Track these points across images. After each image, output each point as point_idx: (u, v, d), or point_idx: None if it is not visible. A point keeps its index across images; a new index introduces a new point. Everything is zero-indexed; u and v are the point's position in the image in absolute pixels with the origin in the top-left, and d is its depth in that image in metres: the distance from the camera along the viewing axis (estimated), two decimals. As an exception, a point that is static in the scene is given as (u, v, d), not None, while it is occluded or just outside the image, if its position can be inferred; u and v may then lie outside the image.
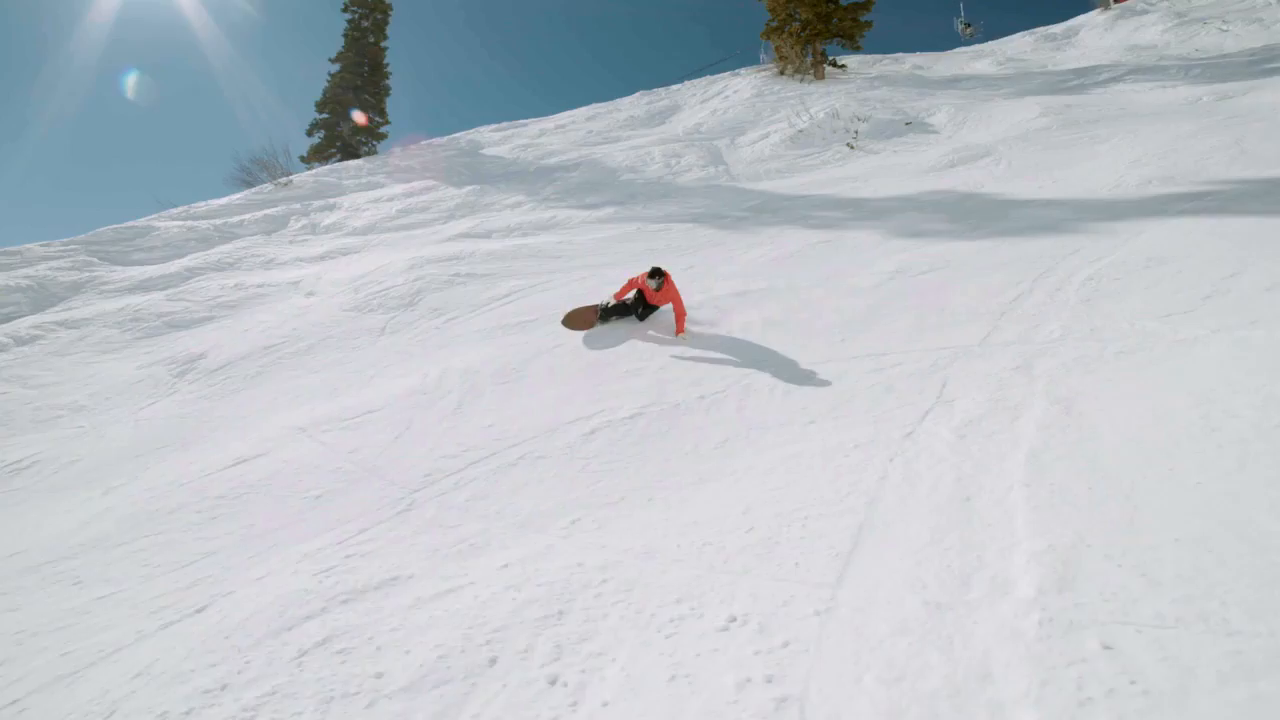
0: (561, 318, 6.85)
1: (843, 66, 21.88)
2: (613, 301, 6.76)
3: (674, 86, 24.57)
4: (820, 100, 17.27)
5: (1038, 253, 7.03)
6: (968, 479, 3.12)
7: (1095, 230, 7.31)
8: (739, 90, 20.85)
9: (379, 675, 2.37)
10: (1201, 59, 15.80)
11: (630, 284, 6.64)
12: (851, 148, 14.05)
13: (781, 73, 22.11)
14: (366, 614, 2.84)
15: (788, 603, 2.38)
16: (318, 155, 25.13)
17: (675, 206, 11.75)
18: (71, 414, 7.88)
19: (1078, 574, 2.20)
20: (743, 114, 18.18)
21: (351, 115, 25.92)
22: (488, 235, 11.48)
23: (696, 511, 3.32)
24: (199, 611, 3.27)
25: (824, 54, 21.94)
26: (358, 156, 24.08)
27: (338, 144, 25.22)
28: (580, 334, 6.68)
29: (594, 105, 23.76)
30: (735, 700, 1.94)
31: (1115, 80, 15.16)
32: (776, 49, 22.22)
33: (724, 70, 24.80)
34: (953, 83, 18.02)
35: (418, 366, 6.63)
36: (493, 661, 2.33)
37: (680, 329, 6.34)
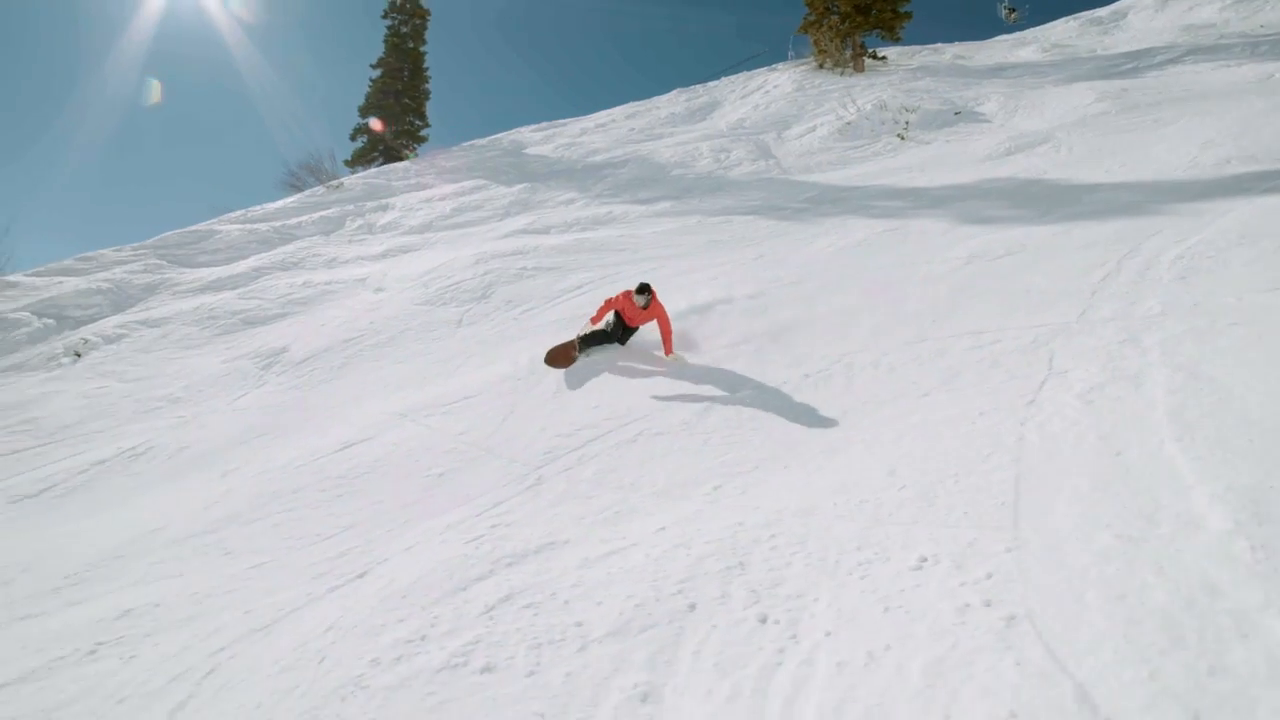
0: (544, 356, 6.27)
1: (883, 59, 21.76)
2: (589, 328, 6.25)
3: (711, 83, 24.62)
4: (865, 93, 17.22)
5: (1116, 234, 6.99)
6: (1111, 437, 3.17)
7: (1176, 211, 7.24)
8: (779, 85, 20.83)
9: (579, 624, 2.50)
10: (1269, 35, 15.43)
11: (607, 305, 6.20)
12: (902, 138, 13.99)
13: (820, 66, 22.05)
14: (537, 574, 2.97)
15: (972, 544, 2.47)
16: (361, 159, 25.66)
17: (731, 200, 11.82)
18: (170, 405, 8.21)
19: (1272, 511, 2.25)
20: (785, 108, 18.18)
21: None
22: (546, 231, 11.67)
23: (838, 475, 3.41)
24: (360, 577, 3.44)
25: (863, 46, 21.86)
26: (400, 159, 24.53)
27: (380, 147, 25.71)
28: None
29: (631, 104, 23.92)
30: (961, 622, 2.03)
31: (1173, 62, 14.89)
32: (815, 42, 22.18)
33: (757, 66, 24.81)
34: (998, 71, 17.83)
35: (505, 354, 6.80)
36: (692, 607, 2.44)
37: (669, 349, 5.94)
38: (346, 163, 25.41)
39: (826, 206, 10.77)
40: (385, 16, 27.77)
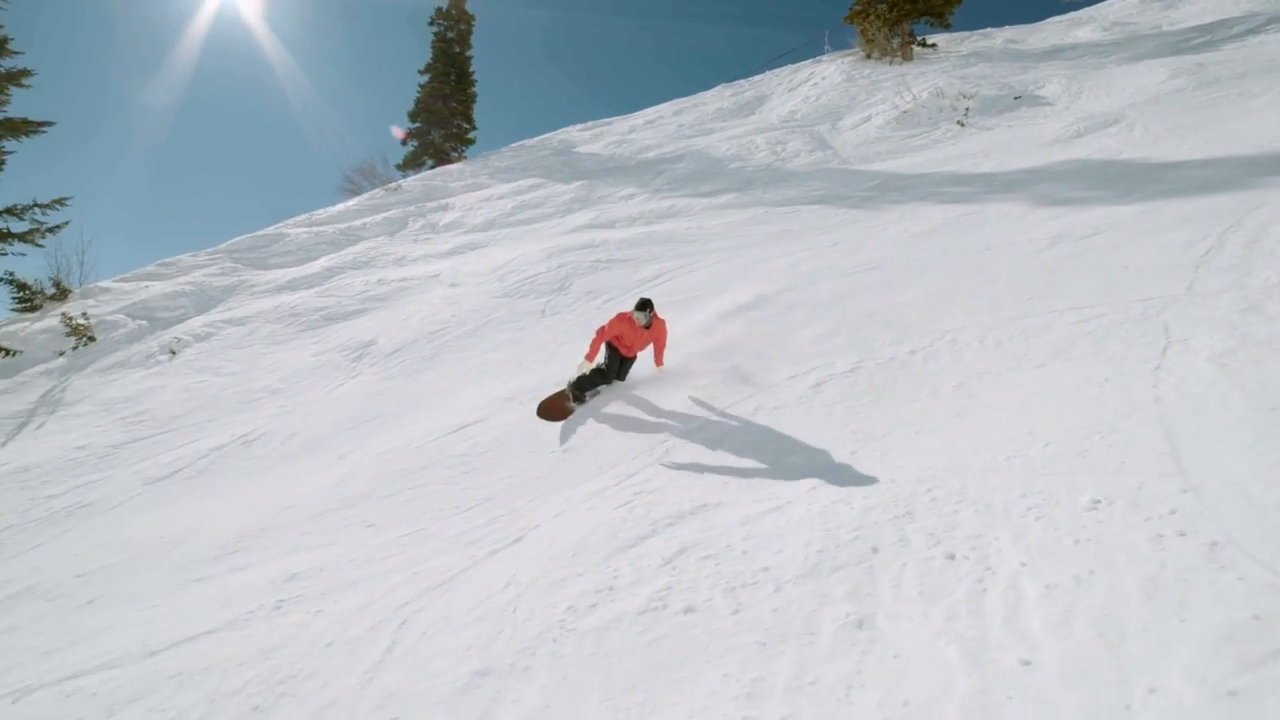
0: (536, 410, 5.60)
1: (932, 46, 21.50)
2: (586, 368, 5.62)
3: (755, 78, 24.62)
4: (919, 80, 17.06)
5: (1213, 210, 6.87)
6: (1259, 395, 3.20)
7: (1276, 185, 7.10)
8: (827, 76, 20.74)
9: (765, 569, 2.65)
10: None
11: (600, 336, 5.54)
12: (962, 125, 13.85)
13: (868, 57, 21.87)
14: (702, 531, 3.14)
15: (1141, 487, 2.55)
16: (411, 163, 26.30)
17: (795, 190, 11.88)
18: (269, 396, 8.64)
19: None
20: (837, 99, 18.11)
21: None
22: (611, 225, 11.89)
23: (974, 437, 3.50)
24: (517, 541, 3.65)
25: (912, 34, 21.61)
26: (450, 162, 25.08)
27: (430, 150, 26.31)
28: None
29: (677, 100, 24.06)
30: (1160, 549, 2.13)
31: (1253, 32, 14.40)
32: (862, 32, 22.00)
33: (798, 60, 24.75)
34: (1055, 53, 17.48)
35: (597, 341, 7.01)
36: (875, 550, 2.58)
37: (659, 360, 5.73)
38: (398, 166, 26.10)
39: (893, 194, 10.75)
40: (432, 23, 28.37)
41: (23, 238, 15.72)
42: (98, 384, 11.20)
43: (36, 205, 16.02)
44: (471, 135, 27.17)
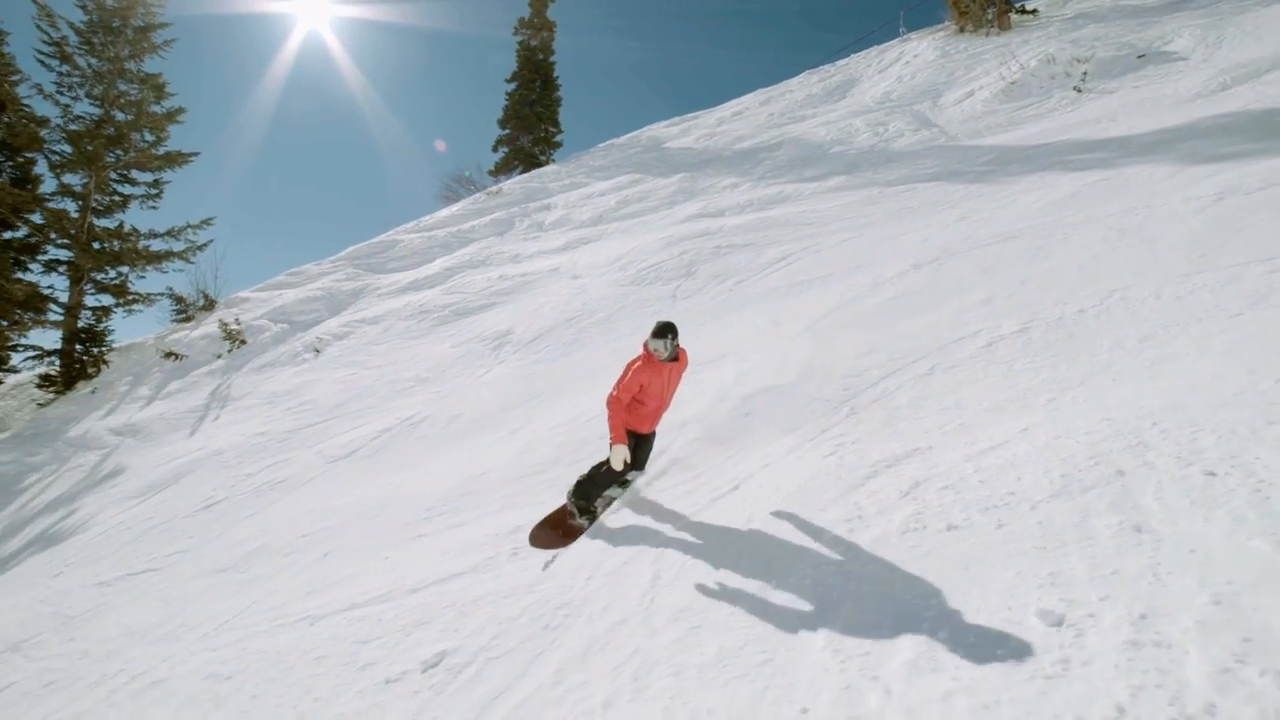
0: (530, 537, 4.20)
1: (1032, 12, 20.62)
2: (601, 468, 4.21)
3: (840, 62, 24.30)
4: (1024, 49, 16.45)
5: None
6: None
7: None
8: (919, 54, 20.26)
9: (1011, 493, 2.83)
10: None
11: (619, 404, 3.99)
12: (1079, 91, 13.31)
13: (960, 30, 21.22)
14: (927, 470, 3.32)
15: None
16: (503, 169, 27.37)
17: (906, 169, 11.77)
18: (420, 384, 9.34)
19: None
20: (933, 76, 17.70)
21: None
22: (721, 214, 12.12)
23: (1183, 380, 3.53)
24: (735, 489, 3.93)
25: (1008, 3, 20.80)
26: (539, 165, 25.94)
27: (520, 155, 27.29)
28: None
29: (761, 90, 24.04)
30: None
31: None
32: (954, 5, 21.36)
33: (879, 42, 24.20)
34: (1179, 5, 16.45)
35: (739, 320, 7.26)
36: (1121, 473, 2.71)
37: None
38: (490, 172, 27.24)
39: (1014, 166, 10.51)
40: (516, 32, 29.39)
41: (180, 256, 17.40)
42: (256, 381, 12.33)
43: (189, 226, 17.70)
44: (559, 139, 28.03)
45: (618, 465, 3.90)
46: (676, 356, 4.16)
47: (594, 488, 4.24)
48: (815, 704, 1.91)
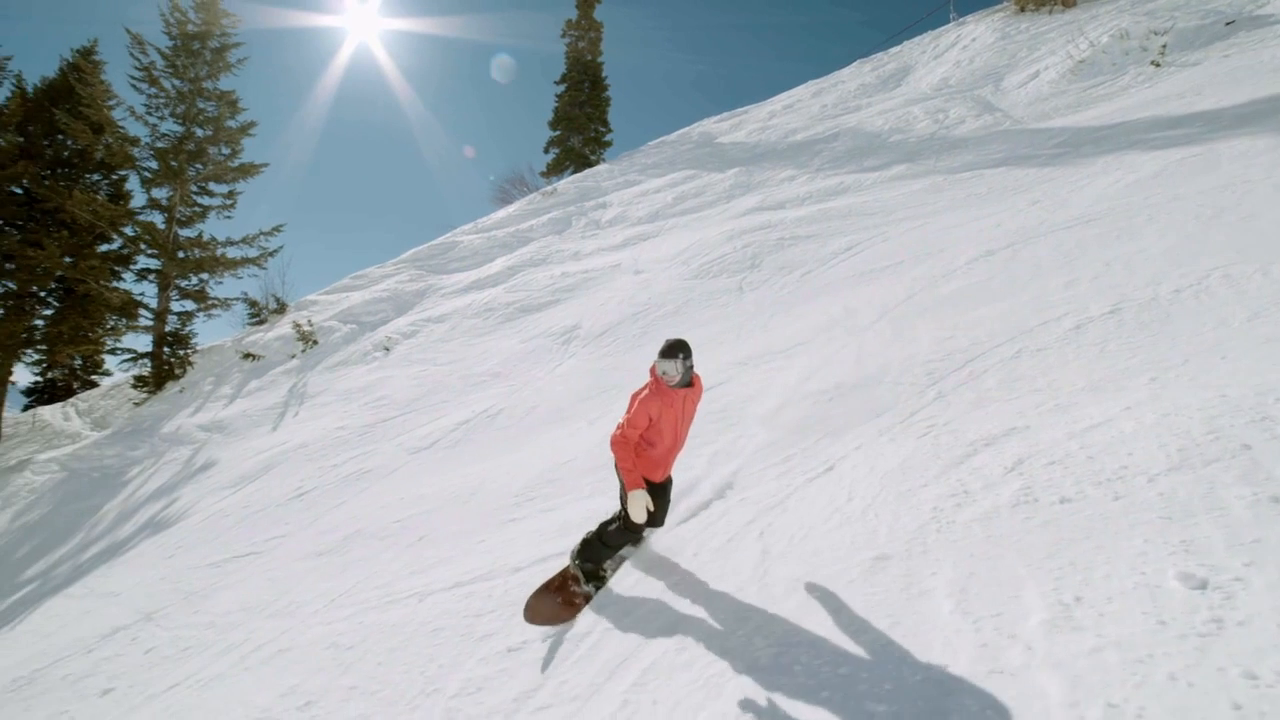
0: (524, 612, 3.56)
1: (1100, -11, 19.82)
2: (611, 525, 3.56)
3: (891, 50, 23.86)
4: (1092, 25, 15.87)
5: None
6: None
7: None
8: (977, 37, 19.73)
9: (1124, 467, 2.81)
10: None
11: (626, 442, 3.34)
12: (1158, 65, 12.77)
13: (1021, 10, 20.56)
14: (1029, 447, 3.31)
15: None
16: (554, 170, 27.78)
17: (970, 155, 11.53)
18: (493, 379, 9.62)
19: None
20: (993, 59, 17.22)
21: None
22: (781, 206, 12.09)
23: (1303, 360, 3.45)
24: (829, 470, 3.99)
25: (1074, -20, 20.06)
26: (589, 165, 26.23)
27: (571, 156, 27.66)
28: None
29: (811, 82, 23.79)
30: None
31: None
32: (1015, -15, 20.73)
33: (935, 27, 23.61)
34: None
35: (810, 310, 7.27)
36: (1247, 446, 2.65)
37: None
38: (542, 174, 27.70)
39: (1086, 148, 10.18)
40: (563, 35, 29.77)
41: (255, 262, 18.27)
42: (330, 379, 12.87)
43: (261, 233, 18.57)
44: (608, 138, 28.28)
45: (639, 517, 3.17)
46: (691, 381, 3.48)
47: (604, 550, 3.55)
48: (956, 661, 1.97)
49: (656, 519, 3.70)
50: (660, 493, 3.66)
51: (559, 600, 3.54)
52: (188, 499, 9.65)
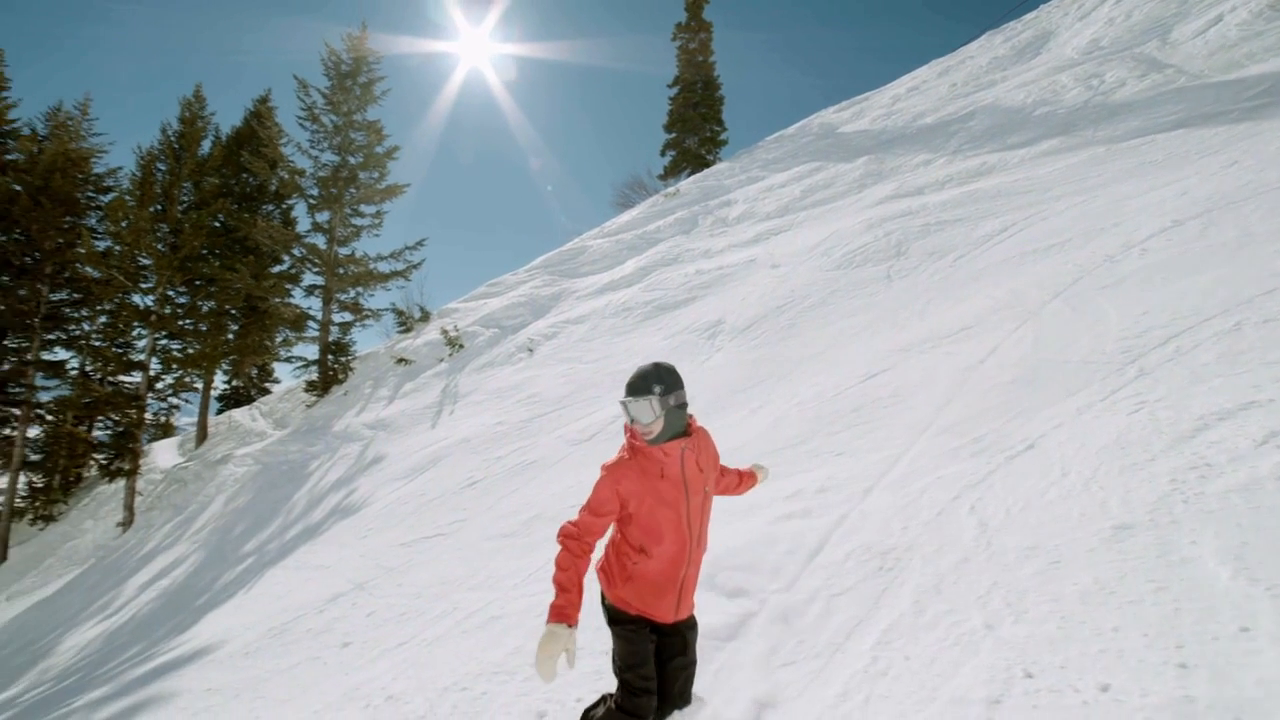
0: None
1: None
2: (597, 710, 2.23)
3: (1026, 17, 22.34)
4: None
5: None
6: None
7: None
8: (1131, -8, 18.08)
9: None
10: None
11: (574, 544, 2.11)
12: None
13: (1182, -40, 18.60)
14: (1275, 421, 3.14)
15: None
16: (672, 172, 28.19)
17: (1137, 121, 10.64)
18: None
19: None
20: (1157, 10, 15.73)
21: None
22: (920, 192, 11.70)
23: None
24: (1030, 448, 3.89)
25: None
26: (706, 165, 26.40)
27: (687, 157, 27.96)
28: None
29: (935, 62, 22.73)
30: None
31: None
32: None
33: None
34: None
35: (972, 293, 7.04)
36: None
37: (750, 480, 2.80)
38: (659, 177, 28.17)
39: (1288, 99, 9.14)
40: (674, 38, 30.13)
41: (402, 275, 19.87)
42: (479, 379, 13.78)
43: (406, 248, 20.15)
44: (724, 137, 28.34)
45: (544, 673, 1.81)
46: (688, 428, 2.19)
47: None
48: (1256, 624, 1.95)
49: (672, 689, 2.20)
50: (672, 640, 2.19)
51: None
52: (366, 488, 10.70)
